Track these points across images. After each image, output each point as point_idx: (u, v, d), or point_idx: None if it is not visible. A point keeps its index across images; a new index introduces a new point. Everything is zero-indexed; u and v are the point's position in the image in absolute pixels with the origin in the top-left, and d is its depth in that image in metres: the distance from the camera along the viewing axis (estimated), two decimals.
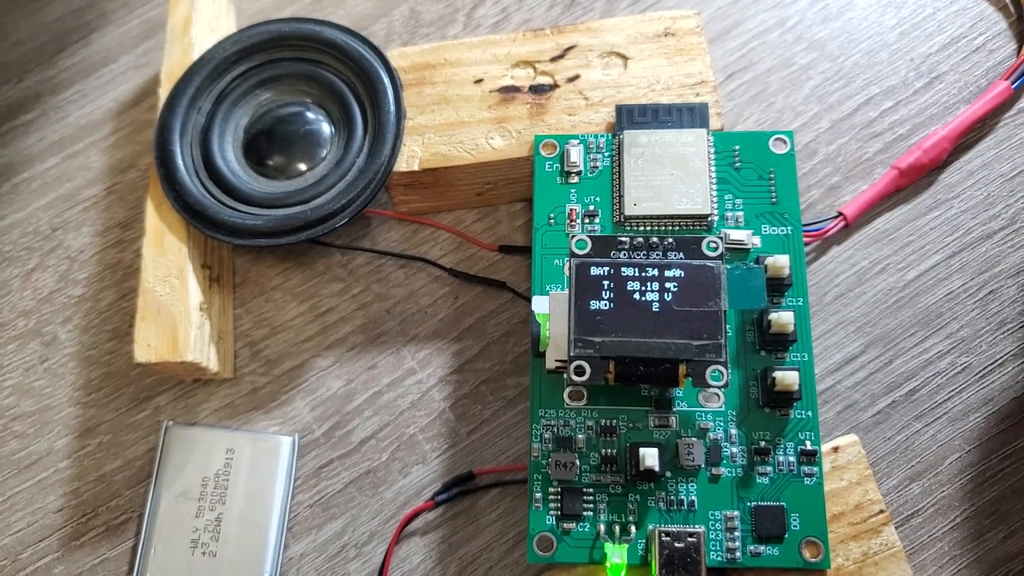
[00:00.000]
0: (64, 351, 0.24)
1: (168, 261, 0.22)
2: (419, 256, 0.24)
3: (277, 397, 0.23)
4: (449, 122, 0.23)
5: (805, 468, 0.19)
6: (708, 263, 0.18)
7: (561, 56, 0.23)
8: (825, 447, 0.20)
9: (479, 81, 0.23)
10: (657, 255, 0.18)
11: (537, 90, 0.23)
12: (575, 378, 0.18)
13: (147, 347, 0.21)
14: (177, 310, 0.22)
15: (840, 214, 0.23)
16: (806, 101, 0.25)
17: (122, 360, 0.24)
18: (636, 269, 0.18)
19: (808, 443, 0.19)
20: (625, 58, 0.23)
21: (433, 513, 0.22)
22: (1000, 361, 0.22)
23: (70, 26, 0.29)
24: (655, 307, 0.18)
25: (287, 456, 0.22)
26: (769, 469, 0.19)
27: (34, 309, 0.25)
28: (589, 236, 0.19)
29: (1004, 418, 0.21)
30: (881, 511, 0.19)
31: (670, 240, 0.18)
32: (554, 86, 0.23)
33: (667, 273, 0.18)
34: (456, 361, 0.23)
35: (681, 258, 0.18)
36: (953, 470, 0.21)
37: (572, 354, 0.18)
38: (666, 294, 0.18)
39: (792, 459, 0.19)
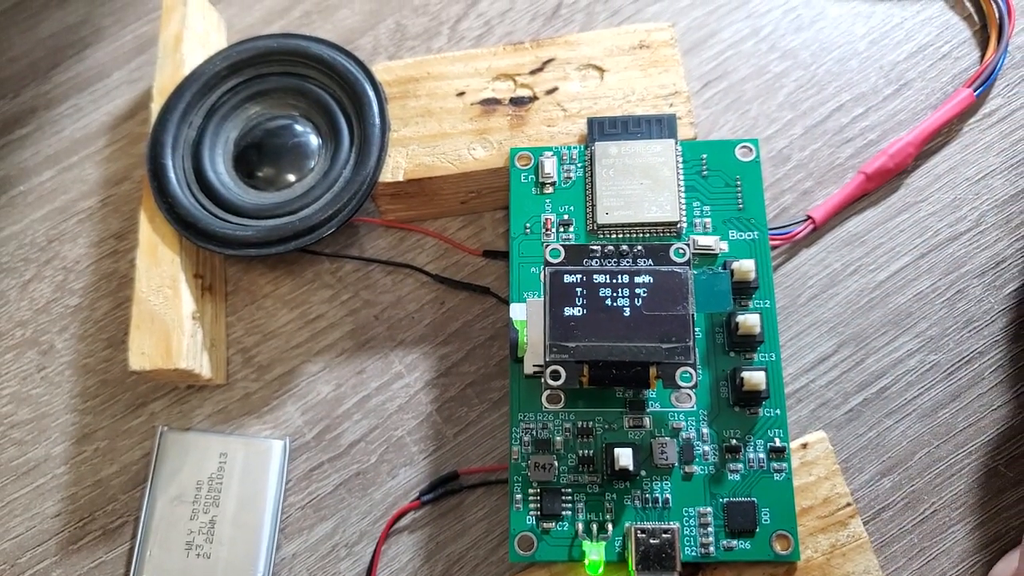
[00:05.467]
0: (61, 360, 0.25)
1: (161, 271, 0.23)
2: (406, 263, 0.25)
3: (269, 402, 0.24)
4: (432, 134, 0.24)
5: (775, 464, 0.20)
6: (676, 269, 0.19)
7: (540, 69, 0.24)
8: (794, 444, 0.20)
9: (461, 94, 0.24)
10: (628, 262, 0.19)
11: (517, 102, 0.24)
12: (551, 382, 0.18)
13: (141, 355, 0.22)
14: (170, 319, 0.22)
15: (809, 217, 0.24)
16: (780, 108, 0.26)
17: (117, 368, 0.25)
18: (607, 276, 0.19)
19: (777, 440, 0.20)
20: (601, 70, 0.24)
21: (420, 512, 0.22)
22: (967, 358, 0.23)
23: (64, 42, 0.30)
24: (626, 312, 0.18)
25: (279, 459, 0.23)
26: (740, 466, 0.20)
27: (31, 319, 0.26)
28: (563, 245, 0.19)
29: (971, 413, 0.22)
30: (848, 504, 0.20)
31: (640, 248, 0.19)
32: (533, 98, 0.24)
33: (637, 279, 0.19)
34: (442, 365, 0.24)
35: (650, 265, 0.19)
36: (922, 464, 0.22)
37: (547, 359, 0.18)
38: (636, 299, 0.19)
39: (762, 456, 0.20)
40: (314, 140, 0.25)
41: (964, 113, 0.25)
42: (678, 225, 0.21)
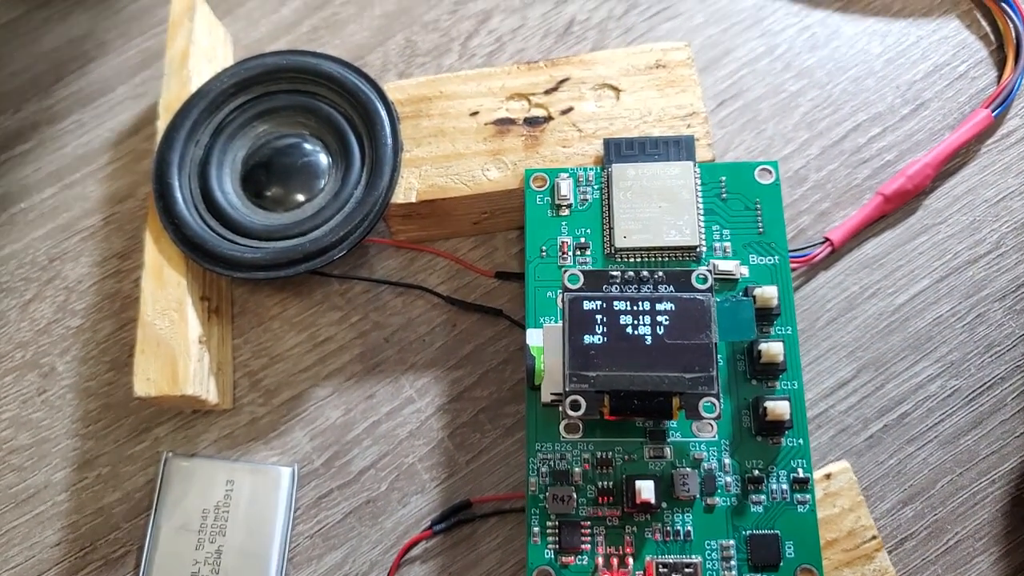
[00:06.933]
0: (62, 382, 0.25)
1: (167, 294, 0.23)
2: (416, 284, 0.24)
3: (276, 427, 0.23)
4: (446, 154, 0.23)
5: (798, 496, 0.19)
6: (698, 296, 0.18)
7: (555, 89, 0.24)
8: (817, 474, 0.20)
9: (475, 113, 0.24)
10: (648, 288, 0.19)
11: (532, 122, 0.23)
12: (571, 412, 0.18)
13: (147, 381, 0.22)
14: (176, 343, 0.22)
15: (827, 239, 0.23)
16: (796, 128, 0.26)
17: (121, 391, 0.24)
18: (628, 303, 0.18)
19: (800, 471, 0.19)
20: (617, 90, 0.23)
21: (433, 542, 0.22)
22: (989, 384, 0.22)
23: (67, 56, 0.29)
24: (647, 340, 0.18)
25: (287, 487, 0.22)
26: (763, 497, 0.19)
27: (32, 340, 0.25)
28: (581, 270, 0.19)
29: (994, 440, 0.22)
30: (874, 537, 0.19)
31: (660, 273, 0.19)
32: (548, 118, 0.23)
33: (658, 306, 0.18)
34: (454, 389, 0.23)
35: (671, 291, 0.19)
36: (945, 493, 0.21)
37: (567, 389, 0.18)
38: (658, 327, 0.18)
39: (785, 487, 0.19)
40: (324, 159, 0.24)
41: (982, 134, 0.25)
42: (698, 249, 0.21)
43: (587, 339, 0.18)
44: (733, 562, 0.19)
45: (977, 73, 0.26)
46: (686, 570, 0.18)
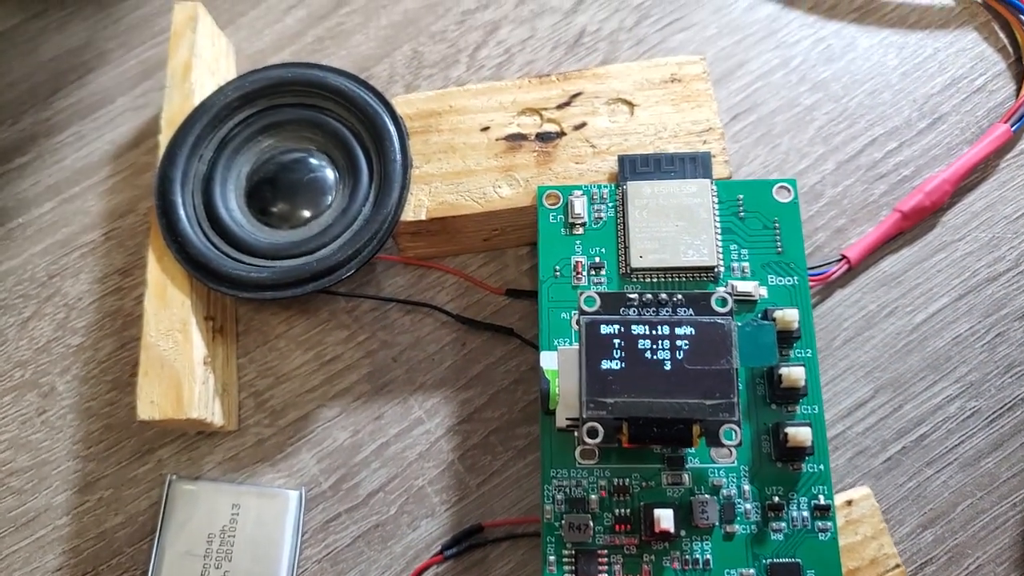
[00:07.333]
0: (62, 403, 0.24)
1: (171, 314, 0.22)
2: (425, 302, 0.24)
3: (283, 449, 0.23)
4: (456, 171, 0.23)
5: (819, 523, 0.19)
6: (719, 320, 0.18)
7: (567, 103, 0.23)
8: (838, 500, 0.20)
9: (485, 129, 0.23)
10: (667, 312, 0.18)
11: (544, 138, 0.23)
12: (588, 440, 0.17)
13: (150, 404, 0.21)
14: (181, 365, 0.21)
15: (843, 257, 0.23)
16: (811, 142, 0.25)
17: (123, 412, 0.24)
18: (647, 327, 0.18)
19: (821, 497, 0.19)
20: (631, 105, 0.23)
21: (443, 567, 0.21)
22: (1009, 405, 0.22)
23: (66, 66, 0.28)
24: (667, 366, 0.18)
25: (294, 511, 0.22)
26: (783, 525, 0.19)
27: (31, 359, 0.25)
28: (598, 293, 0.18)
29: (1015, 463, 0.21)
30: (897, 565, 0.19)
31: (679, 296, 0.18)
32: (561, 134, 0.23)
33: (678, 331, 0.18)
34: (464, 410, 0.23)
35: (691, 314, 0.18)
36: (965, 517, 0.21)
37: (585, 415, 0.17)
38: (677, 352, 0.18)
39: (806, 514, 0.19)
40: (330, 175, 0.24)
41: (1001, 149, 0.24)
42: (715, 270, 0.20)
43: (605, 364, 0.18)
44: None
45: (995, 86, 0.25)
46: None
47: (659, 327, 0.18)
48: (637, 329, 0.18)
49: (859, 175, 0.25)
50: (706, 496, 0.19)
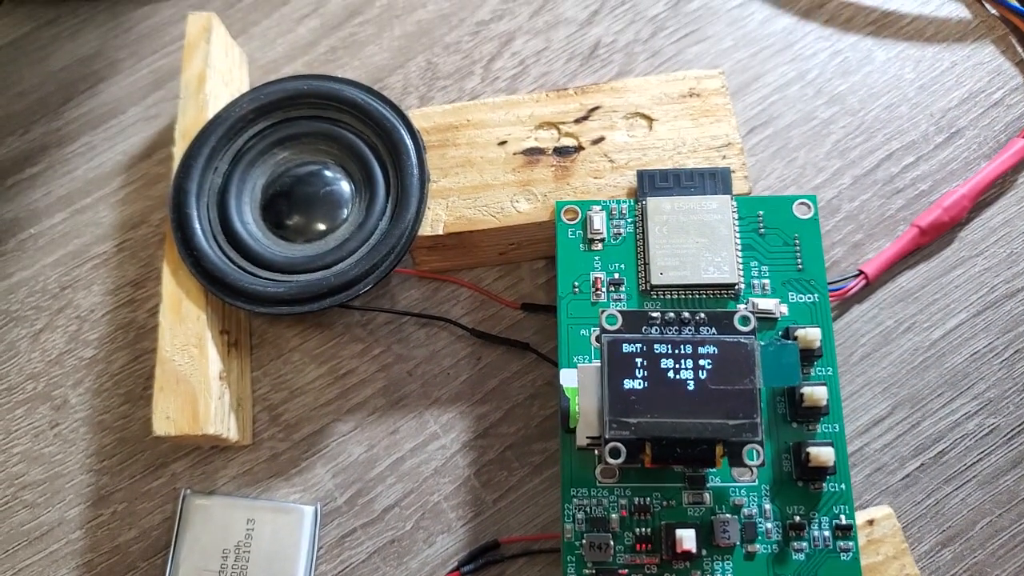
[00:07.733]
0: (75, 416, 0.24)
1: (186, 329, 0.22)
2: (440, 316, 0.24)
3: (297, 463, 0.23)
4: (474, 185, 0.23)
5: (841, 543, 0.19)
6: (742, 339, 0.18)
7: (585, 117, 0.23)
8: (860, 520, 0.19)
9: (503, 143, 0.23)
10: (689, 330, 0.18)
11: (562, 152, 0.23)
12: (610, 460, 0.17)
13: (166, 419, 0.21)
14: (197, 380, 0.21)
15: (861, 272, 0.23)
16: (828, 156, 0.25)
17: (136, 425, 0.24)
18: (669, 346, 0.18)
19: (843, 517, 0.19)
20: (650, 119, 0.23)
21: None
22: None
23: (77, 76, 0.28)
24: (690, 386, 0.18)
25: (310, 526, 0.22)
26: (804, 545, 0.19)
27: (43, 371, 0.24)
28: (620, 311, 0.18)
29: None
30: None
31: (702, 315, 0.18)
32: (579, 148, 0.23)
33: (701, 350, 0.18)
34: (480, 425, 0.23)
35: (713, 333, 0.18)
36: (984, 535, 0.21)
37: (607, 436, 0.17)
38: (700, 372, 0.18)
39: (827, 534, 0.19)
40: (347, 188, 0.23)
41: (1019, 164, 0.24)
42: (736, 287, 0.20)
43: (627, 384, 0.18)
44: None
45: (1013, 100, 0.25)
46: None
47: (682, 346, 0.18)
48: (659, 348, 0.18)
49: (876, 189, 0.25)
50: (727, 515, 0.19)
